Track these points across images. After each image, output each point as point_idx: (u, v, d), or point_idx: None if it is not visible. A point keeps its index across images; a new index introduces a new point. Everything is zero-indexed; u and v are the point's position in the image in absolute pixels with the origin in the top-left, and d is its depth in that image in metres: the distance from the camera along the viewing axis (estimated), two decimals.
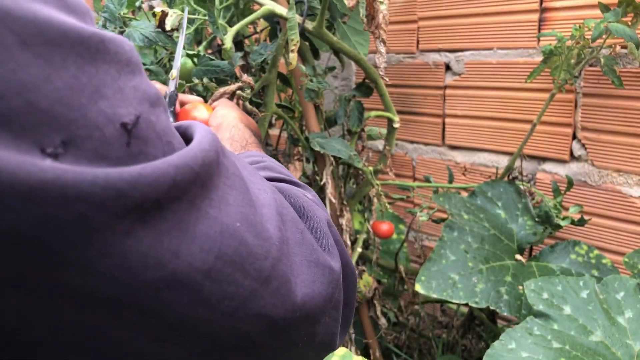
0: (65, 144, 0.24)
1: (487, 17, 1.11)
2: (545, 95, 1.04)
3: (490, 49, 1.12)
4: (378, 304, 1.12)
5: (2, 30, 0.24)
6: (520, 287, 0.86)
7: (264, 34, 1.09)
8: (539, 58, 1.03)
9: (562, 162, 1.07)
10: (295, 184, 0.46)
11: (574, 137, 1.04)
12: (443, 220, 0.98)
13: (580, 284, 0.76)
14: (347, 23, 1.03)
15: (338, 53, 0.99)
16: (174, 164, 0.27)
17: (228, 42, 0.81)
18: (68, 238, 0.24)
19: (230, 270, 0.29)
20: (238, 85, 0.81)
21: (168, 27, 0.79)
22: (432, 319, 1.36)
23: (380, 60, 0.88)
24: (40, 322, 0.25)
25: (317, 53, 1.01)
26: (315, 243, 0.38)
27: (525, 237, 0.98)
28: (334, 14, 0.94)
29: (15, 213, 0.22)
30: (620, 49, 0.90)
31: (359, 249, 1.06)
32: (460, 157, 1.24)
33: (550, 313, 0.72)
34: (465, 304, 0.86)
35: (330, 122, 1.05)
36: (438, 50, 1.22)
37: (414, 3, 1.23)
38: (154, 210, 0.26)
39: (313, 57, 0.99)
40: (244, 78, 0.82)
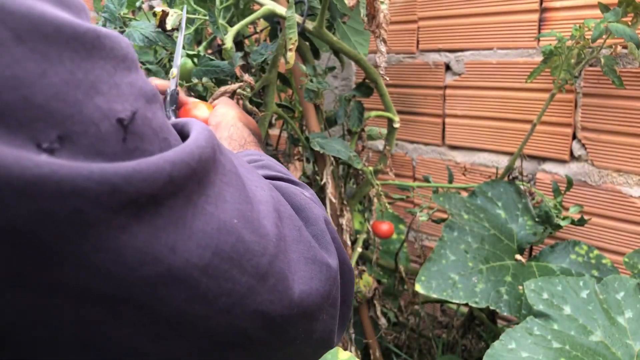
0: (61, 139, 0.24)
1: (487, 17, 1.11)
2: (545, 95, 1.04)
3: (490, 49, 1.12)
4: (378, 304, 1.12)
5: None
6: (520, 287, 0.86)
7: (264, 34, 1.09)
8: (539, 58, 1.03)
9: (562, 162, 1.07)
10: (293, 183, 0.46)
11: (574, 137, 1.04)
12: (443, 220, 0.98)
13: (580, 284, 0.76)
14: (347, 23, 1.03)
15: (338, 53, 0.99)
16: (170, 160, 0.27)
17: (228, 42, 0.81)
18: (63, 233, 0.24)
19: (228, 267, 0.29)
20: (239, 84, 0.81)
21: (168, 26, 0.79)
22: (432, 319, 1.36)
23: (381, 60, 0.88)
24: (37, 318, 0.25)
25: (317, 53, 1.01)
26: (313, 240, 0.38)
27: (525, 237, 0.98)
28: (334, 14, 0.94)
29: (11, 208, 0.22)
30: (621, 49, 0.90)
31: (359, 249, 1.06)
32: (460, 157, 1.24)
33: (550, 313, 0.72)
34: (465, 304, 0.86)
35: (330, 122, 1.05)
36: (438, 50, 1.22)
37: (414, 3, 1.23)
38: (150, 206, 0.26)
39: (313, 57, 0.99)
40: (245, 78, 0.82)
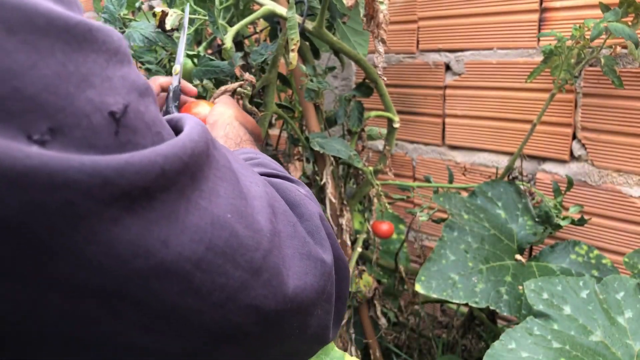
0: (53, 132, 0.24)
1: (487, 17, 1.11)
2: (545, 95, 1.04)
3: (490, 49, 1.12)
4: (378, 304, 1.12)
5: None
6: (520, 287, 0.86)
7: (264, 34, 1.09)
8: (539, 58, 1.03)
9: (562, 162, 1.07)
10: (289, 180, 0.46)
11: (574, 137, 1.04)
12: (443, 220, 0.98)
13: (580, 284, 0.76)
14: (346, 23, 1.03)
15: (338, 53, 0.99)
16: (163, 154, 0.27)
17: (228, 42, 0.81)
18: (55, 225, 0.24)
19: (221, 261, 0.29)
20: (239, 83, 0.81)
21: (168, 26, 0.79)
22: (432, 319, 1.36)
23: (379, 60, 0.88)
24: (30, 311, 0.25)
25: (317, 53, 1.01)
26: (307, 236, 0.38)
27: (525, 237, 0.98)
28: (334, 14, 0.94)
29: (1, 199, 0.22)
30: (621, 49, 0.90)
31: (359, 249, 1.06)
32: (460, 157, 1.24)
33: (550, 313, 0.72)
34: (465, 304, 0.86)
35: (330, 122, 1.05)
36: (438, 50, 1.22)
37: (414, 3, 1.23)
38: (142, 199, 0.26)
39: (313, 57, 0.99)
40: (246, 76, 0.82)
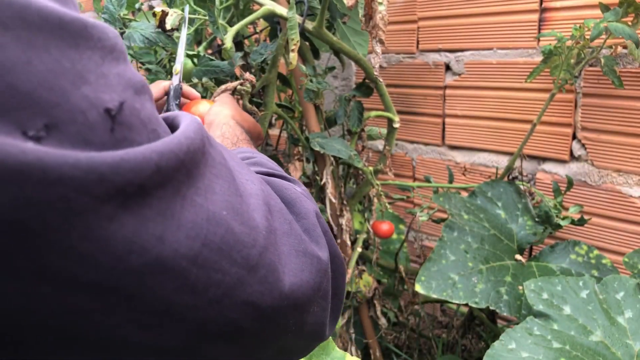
0: (48, 128, 0.24)
1: (487, 17, 1.11)
2: (545, 95, 1.04)
3: (490, 49, 1.12)
4: (378, 304, 1.12)
5: None
6: (520, 287, 0.86)
7: (264, 34, 1.09)
8: (539, 58, 1.03)
9: (562, 162, 1.07)
10: (285, 178, 0.46)
11: (574, 137, 1.04)
12: (443, 220, 0.98)
13: (580, 284, 0.76)
14: (346, 23, 1.03)
15: (338, 53, 0.99)
16: (158, 150, 0.27)
17: (228, 42, 0.81)
18: (50, 220, 0.24)
19: (217, 258, 0.29)
20: (239, 82, 0.81)
21: (168, 26, 0.79)
22: (432, 319, 1.36)
23: (376, 60, 0.89)
24: (25, 307, 0.25)
25: (317, 53, 1.01)
26: (303, 233, 0.38)
27: (525, 237, 0.98)
28: (334, 14, 0.94)
29: None
30: (621, 49, 0.90)
31: (359, 249, 1.06)
32: (460, 157, 1.24)
33: (550, 313, 0.72)
34: (465, 304, 0.86)
35: (330, 122, 1.05)
36: (438, 50, 1.22)
37: (414, 3, 1.23)
38: (138, 196, 0.26)
39: (313, 57, 0.99)
40: (246, 76, 0.82)
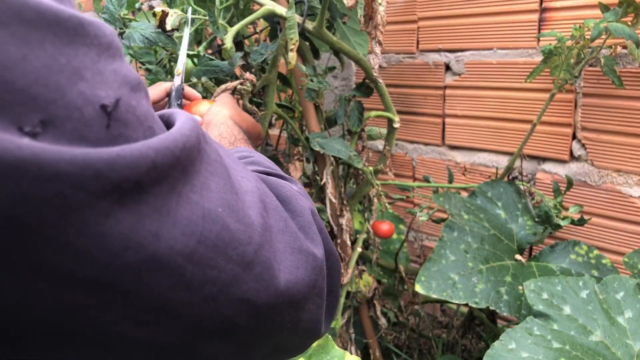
0: (44, 124, 0.24)
1: (487, 17, 1.11)
2: (545, 95, 1.04)
3: (490, 49, 1.12)
4: (378, 304, 1.12)
5: None
6: (520, 287, 0.86)
7: (264, 34, 1.09)
8: (539, 58, 1.03)
9: (562, 162, 1.07)
10: (282, 177, 0.46)
11: (574, 137, 1.04)
12: (443, 220, 0.98)
13: (580, 284, 0.76)
14: (346, 23, 1.03)
15: (338, 53, 0.99)
16: (154, 147, 0.27)
17: (228, 42, 0.81)
18: (46, 216, 0.24)
19: (213, 255, 0.30)
20: (239, 81, 0.81)
21: (168, 27, 0.79)
22: (432, 319, 1.36)
23: (375, 61, 0.89)
24: (21, 303, 0.25)
25: (317, 53, 1.01)
26: (299, 231, 0.39)
27: (525, 237, 0.98)
28: (334, 14, 0.94)
29: None
30: (621, 49, 0.90)
31: (359, 249, 1.06)
32: (460, 157, 1.24)
33: (550, 313, 0.72)
34: (465, 304, 0.86)
35: (330, 122, 1.05)
36: (438, 50, 1.22)
37: (414, 3, 1.23)
38: (134, 193, 0.26)
39: (313, 57, 0.99)
40: (246, 76, 0.82)
